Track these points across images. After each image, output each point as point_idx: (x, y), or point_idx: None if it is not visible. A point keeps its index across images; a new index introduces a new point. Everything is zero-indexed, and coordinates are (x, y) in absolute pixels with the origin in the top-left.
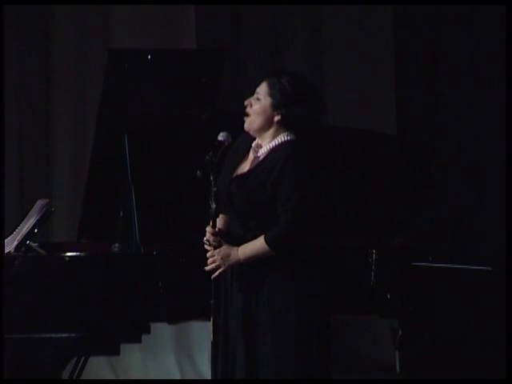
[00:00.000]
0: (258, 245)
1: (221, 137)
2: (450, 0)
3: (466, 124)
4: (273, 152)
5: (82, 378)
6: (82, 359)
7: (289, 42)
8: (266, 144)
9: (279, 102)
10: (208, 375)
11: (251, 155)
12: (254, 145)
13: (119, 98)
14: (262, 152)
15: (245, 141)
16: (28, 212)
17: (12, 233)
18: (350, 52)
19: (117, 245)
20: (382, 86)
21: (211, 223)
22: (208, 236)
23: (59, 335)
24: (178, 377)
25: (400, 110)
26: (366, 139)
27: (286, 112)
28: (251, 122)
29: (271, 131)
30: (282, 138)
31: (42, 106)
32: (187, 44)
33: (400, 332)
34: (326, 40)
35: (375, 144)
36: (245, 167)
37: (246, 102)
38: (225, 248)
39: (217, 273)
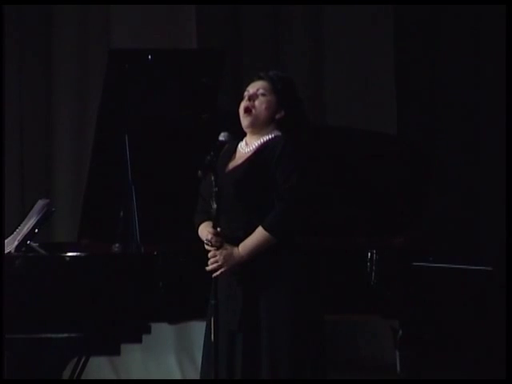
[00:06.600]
0: (257, 236)
1: (221, 137)
2: (451, 0)
3: (465, 124)
4: (267, 143)
5: (83, 377)
6: (83, 359)
7: (289, 42)
8: (257, 139)
9: (284, 100)
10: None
11: (240, 151)
12: (242, 143)
13: (119, 98)
14: (254, 145)
15: (230, 145)
16: (28, 212)
17: (12, 233)
18: (350, 52)
19: (117, 245)
20: (382, 85)
21: (212, 224)
22: (210, 236)
23: (59, 335)
24: (178, 377)
25: (400, 110)
26: (366, 139)
27: (288, 110)
28: (256, 117)
29: (269, 128)
30: (274, 133)
31: (43, 106)
32: (187, 44)
33: (400, 332)
34: (326, 40)
35: (375, 144)
36: (236, 162)
37: (246, 95)
38: (227, 248)
39: (218, 272)
